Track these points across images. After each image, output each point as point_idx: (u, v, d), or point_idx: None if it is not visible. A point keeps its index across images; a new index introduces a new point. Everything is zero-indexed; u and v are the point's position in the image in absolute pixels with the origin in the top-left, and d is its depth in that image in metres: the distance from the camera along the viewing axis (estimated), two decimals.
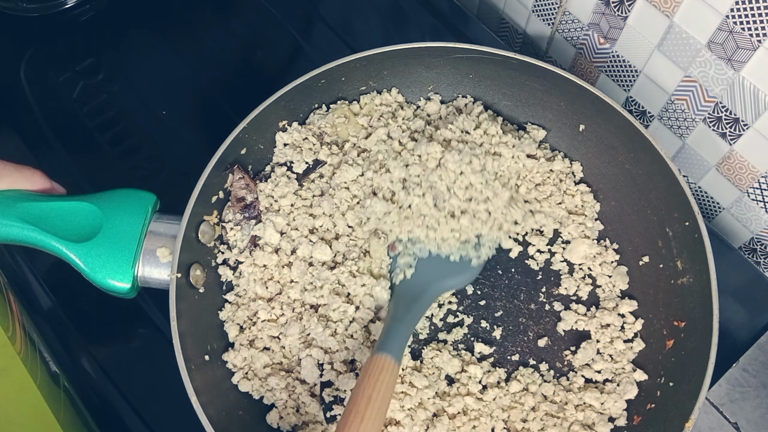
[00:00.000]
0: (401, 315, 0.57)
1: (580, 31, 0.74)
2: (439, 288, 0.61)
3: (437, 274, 0.61)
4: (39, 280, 0.67)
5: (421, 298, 0.59)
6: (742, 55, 0.59)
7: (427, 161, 0.61)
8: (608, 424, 0.57)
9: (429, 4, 0.83)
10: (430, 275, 0.61)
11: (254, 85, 0.78)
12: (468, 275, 0.62)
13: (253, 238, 0.62)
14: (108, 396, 0.62)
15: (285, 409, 0.58)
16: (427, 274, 0.61)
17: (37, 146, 0.74)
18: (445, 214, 0.60)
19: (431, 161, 0.61)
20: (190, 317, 0.55)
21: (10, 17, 0.82)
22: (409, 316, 0.58)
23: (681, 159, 0.73)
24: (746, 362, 0.63)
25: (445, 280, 0.61)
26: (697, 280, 0.56)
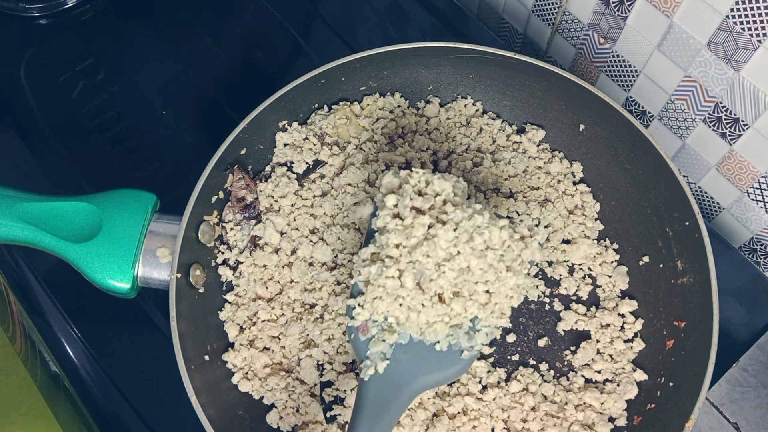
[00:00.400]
0: (370, 422, 0.47)
1: (580, 31, 0.74)
2: (418, 386, 0.49)
3: (418, 368, 0.49)
4: (39, 280, 0.66)
5: (396, 400, 0.48)
6: (742, 55, 0.59)
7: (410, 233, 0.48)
8: (608, 424, 0.57)
9: (429, 4, 0.83)
10: (409, 369, 0.48)
11: (254, 85, 0.78)
12: (456, 369, 0.49)
13: (253, 238, 0.62)
14: (108, 396, 0.62)
15: (285, 409, 0.58)
16: (405, 366, 0.48)
17: (37, 146, 0.74)
18: (430, 296, 0.48)
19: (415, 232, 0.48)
20: (190, 317, 0.55)
21: (10, 17, 0.82)
22: (383, 422, 0.47)
23: (681, 159, 0.73)
24: (746, 362, 0.63)
25: (427, 375, 0.49)
26: (697, 280, 0.56)
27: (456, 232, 0.47)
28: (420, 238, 0.47)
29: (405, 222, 0.48)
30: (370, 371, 0.48)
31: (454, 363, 0.49)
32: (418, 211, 0.49)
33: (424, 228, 0.48)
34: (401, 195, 0.49)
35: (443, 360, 0.49)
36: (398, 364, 0.49)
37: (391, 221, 0.49)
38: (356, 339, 0.50)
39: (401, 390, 0.48)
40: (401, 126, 0.68)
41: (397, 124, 0.68)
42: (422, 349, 0.49)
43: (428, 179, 0.50)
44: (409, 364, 0.49)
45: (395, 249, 0.48)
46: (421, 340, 0.49)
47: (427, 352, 0.49)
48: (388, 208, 0.49)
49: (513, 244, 0.48)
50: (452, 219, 0.48)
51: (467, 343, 0.49)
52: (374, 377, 0.48)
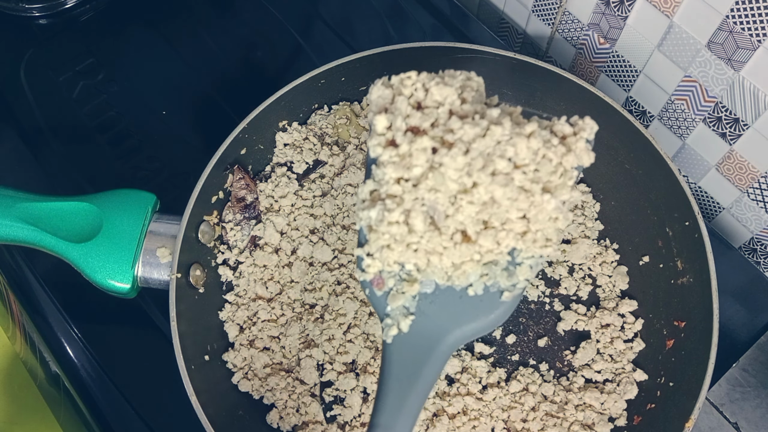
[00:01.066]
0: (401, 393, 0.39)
1: (580, 31, 0.74)
2: (452, 340, 0.40)
3: (449, 319, 0.40)
4: (39, 280, 0.66)
5: (429, 363, 0.40)
6: (742, 55, 0.59)
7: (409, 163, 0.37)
8: (608, 424, 0.57)
9: (429, 4, 0.83)
10: (438, 322, 0.40)
11: (254, 85, 0.78)
12: (497, 315, 0.40)
13: (253, 238, 0.62)
14: (108, 396, 0.62)
15: (285, 409, 0.58)
16: (433, 320, 0.40)
17: (37, 146, 0.74)
18: (450, 234, 0.38)
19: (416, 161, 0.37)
20: (190, 317, 0.55)
21: (10, 17, 0.82)
22: (415, 391, 0.39)
23: (681, 159, 0.73)
24: (746, 362, 0.63)
25: (461, 326, 0.40)
26: (697, 280, 0.56)
27: (467, 156, 0.36)
28: (423, 167, 0.37)
29: (400, 149, 0.37)
30: (392, 331, 0.40)
31: (493, 307, 0.40)
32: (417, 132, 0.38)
33: (427, 154, 0.37)
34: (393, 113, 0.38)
35: (479, 305, 0.40)
36: (425, 319, 0.40)
37: (384, 151, 0.37)
38: (372, 295, 0.41)
39: (433, 349, 0.40)
40: None
41: None
42: (452, 296, 0.40)
43: (426, 85, 0.38)
44: (438, 317, 0.40)
45: (396, 185, 0.37)
46: (450, 286, 0.40)
47: (458, 298, 0.40)
48: (379, 134, 0.38)
49: (549, 152, 0.37)
50: (460, 138, 0.36)
51: (507, 281, 0.39)
52: (398, 338, 0.40)
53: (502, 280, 0.39)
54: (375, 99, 0.39)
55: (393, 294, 0.40)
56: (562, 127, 0.38)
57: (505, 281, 0.39)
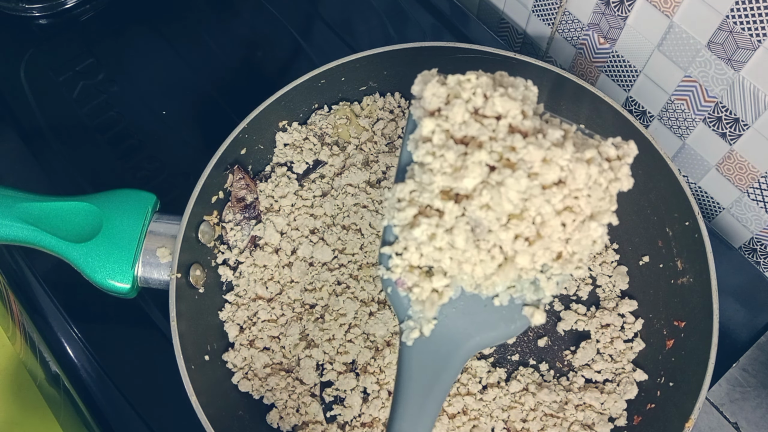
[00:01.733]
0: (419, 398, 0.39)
1: (580, 31, 0.74)
2: (474, 345, 0.40)
3: (471, 326, 0.39)
4: (39, 280, 0.66)
5: (448, 367, 0.39)
6: (742, 55, 0.59)
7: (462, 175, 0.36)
8: (608, 424, 0.57)
9: (429, 4, 0.83)
10: (460, 328, 0.39)
11: (254, 85, 0.78)
12: (516, 326, 0.40)
13: (253, 238, 0.62)
14: (108, 396, 0.62)
15: (285, 409, 0.58)
16: (455, 325, 0.39)
17: (37, 146, 0.74)
18: (488, 249, 0.37)
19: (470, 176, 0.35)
20: (190, 317, 0.55)
21: (10, 17, 0.82)
22: (433, 396, 0.39)
23: (681, 159, 0.73)
24: (746, 362, 0.63)
25: (484, 332, 0.40)
26: (697, 280, 0.56)
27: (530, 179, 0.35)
28: (476, 182, 0.35)
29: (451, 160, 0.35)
30: (413, 334, 0.39)
31: (515, 319, 0.39)
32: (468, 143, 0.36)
33: (482, 168, 0.35)
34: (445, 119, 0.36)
35: (501, 315, 0.39)
36: (448, 323, 0.39)
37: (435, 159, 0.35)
38: (394, 294, 0.39)
39: (452, 354, 0.39)
40: (401, 126, 0.68)
41: (397, 125, 0.68)
42: (476, 303, 0.39)
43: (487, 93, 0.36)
44: (460, 322, 0.39)
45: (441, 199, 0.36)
46: (476, 294, 0.39)
47: (482, 307, 0.39)
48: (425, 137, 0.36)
49: (601, 177, 0.36)
50: (523, 158, 0.35)
51: (534, 295, 0.39)
52: (419, 341, 0.39)
53: (528, 294, 0.39)
54: (429, 97, 0.36)
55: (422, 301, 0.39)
56: (608, 150, 0.37)
57: (532, 295, 0.39)
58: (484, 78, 0.36)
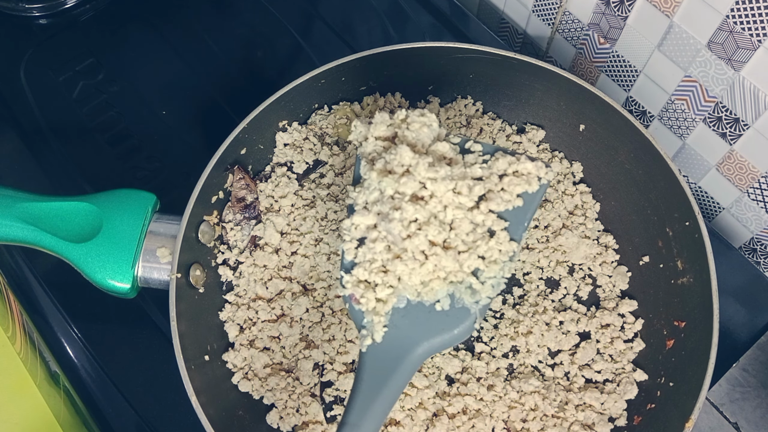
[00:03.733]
0: (369, 394, 0.43)
1: (580, 31, 0.74)
2: (423, 350, 0.44)
3: (420, 332, 0.44)
4: (39, 280, 0.66)
5: (398, 369, 0.44)
6: (742, 55, 0.59)
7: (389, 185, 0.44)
8: (608, 424, 0.57)
9: (429, 4, 0.83)
10: (410, 334, 0.44)
11: (254, 85, 0.78)
12: (462, 328, 0.45)
13: (253, 238, 0.62)
14: (108, 396, 0.62)
15: (285, 409, 0.58)
16: (405, 332, 0.44)
17: (37, 146, 0.74)
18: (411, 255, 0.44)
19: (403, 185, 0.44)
20: (190, 317, 0.55)
21: (10, 17, 0.82)
22: (383, 395, 0.43)
23: (681, 159, 0.73)
24: (746, 362, 0.63)
25: (430, 338, 0.44)
26: (697, 280, 0.56)
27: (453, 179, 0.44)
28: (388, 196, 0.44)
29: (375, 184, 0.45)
30: (366, 341, 0.44)
31: (460, 321, 0.44)
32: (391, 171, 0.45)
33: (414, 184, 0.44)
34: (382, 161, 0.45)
35: (447, 320, 0.44)
36: (397, 330, 0.44)
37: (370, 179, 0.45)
38: (351, 309, 0.46)
39: (403, 358, 0.44)
40: None
41: None
42: (422, 311, 0.44)
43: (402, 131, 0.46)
44: (409, 329, 0.44)
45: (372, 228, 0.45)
46: (420, 302, 0.44)
47: (427, 313, 0.44)
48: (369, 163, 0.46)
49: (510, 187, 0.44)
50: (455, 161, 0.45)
51: (471, 298, 0.44)
52: (372, 347, 0.44)
53: (466, 297, 0.44)
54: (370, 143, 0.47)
55: (370, 311, 0.45)
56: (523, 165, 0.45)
57: (469, 298, 0.44)
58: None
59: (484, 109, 0.69)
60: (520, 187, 0.44)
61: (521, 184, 0.44)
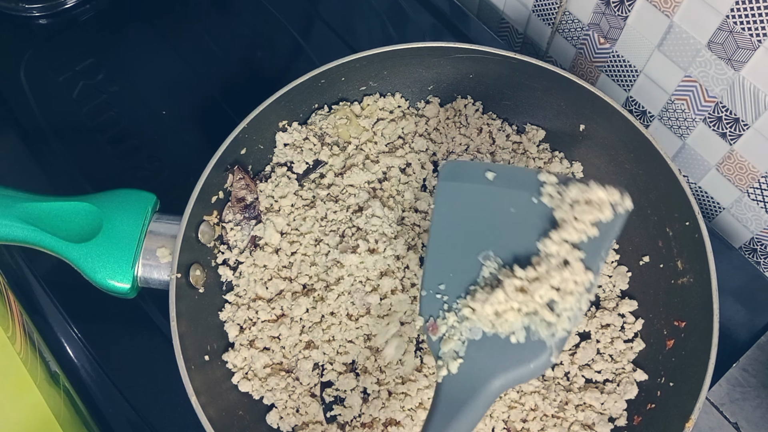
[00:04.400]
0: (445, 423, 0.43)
1: (580, 31, 0.74)
2: (498, 385, 0.44)
3: (495, 365, 0.44)
4: (39, 280, 0.66)
5: (472, 401, 0.43)
6: (742, 55, 0.59)
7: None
8: (608, 424, 0.57)
9: (429, 4, 0.83)
10: (485, 366, 0.44)
11: (254, 85, 0.78)
12: (539, 363, 0.44)
13: (253, 238, 0.62)
14: (108, 396, 0.62)
15: (285, 409, 0.58)
16: (480, 364, 0.44)
17: (37, 146, 0.74)
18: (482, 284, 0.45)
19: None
20: (190, 317, 0.55)
21: (10, 17, 0.82)
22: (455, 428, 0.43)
23: (681, 159, 0.73)
24: (746, 362, 0.63)
25: (506, 372, 0.44)
26: (698, 280, 0.56)
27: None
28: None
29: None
30: (442, 372, 0.44)
31: (535, 355, 0.43)
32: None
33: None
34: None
35: (522, 353, 0.44)
36: (473, 363, 0.44)
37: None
38: (429, 339, 0.46)
39: (477, 390, 0.43)
40: (401, 126, 0.68)
41: (397, 124, 0.68)
42: (497, 343, 0.44)
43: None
44: (484, 362, 0.44)
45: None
46: (495, 334, 0.44)
47: (503, 346, 0.44)
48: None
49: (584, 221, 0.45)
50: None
51: (546, 331, 0.43)
52: (448, 378, 0.44)
53: (541, 330, 0.43)
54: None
55: (445, 339, 0.45)
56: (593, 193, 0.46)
57: (545, 331, 0.43)
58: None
59: (484, 109, 0.69)
60: (592, 216, 0.44)
61: (593, 212, 0.44)
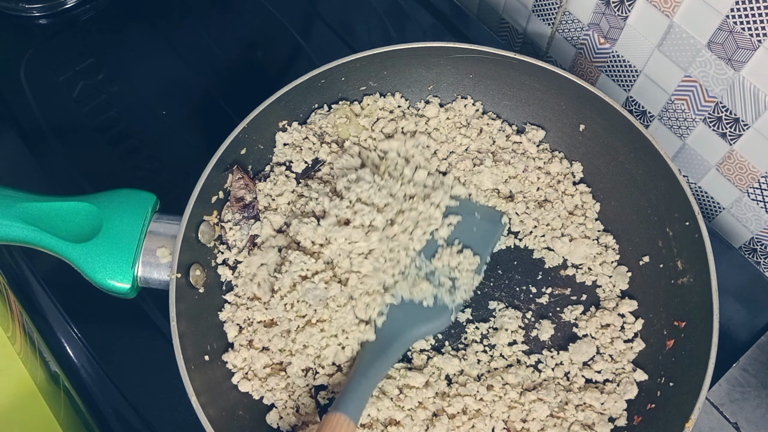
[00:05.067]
0: (364, 369, 0.55)
1: (580, 31, 0.74)
2: (410, 336, 0.58)
3: (410, 321, 0.58)
4: (39, 280, 0.66)
5: (390, 349, 0.57)
6: (742, 55, 0.59)
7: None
8: (608, 424, 0.57)
9: (429, 4, 0.83)
10: (400, 323, 0.58)
11: (254, 85, 0.78)
12: (442, 320, 0.59)
13: (252, 237, 0.62)
14: (108, 396, 0.62)
15: (285, 409, 0.58)
16: (397, 321, 0.58)
17: (37, 146, 0.74)
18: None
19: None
20: (189, 317, 0.55)
21: (10, 17, 0.82)
22: (373, 371, 0.55)
23: (681, 159, 0.73)
24: (746, 362, 0.63)
25: (417, 327, 0.58)
26: (698, 280, 0.56)
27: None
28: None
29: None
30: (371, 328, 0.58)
31: (440, 315, 0.59)
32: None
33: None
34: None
35: (431, 314, 0.59)
36: (393, 319, 0.58)
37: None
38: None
39: (394, 341, 0.57)
40: (401, 126, 0.68)
41: (397, 125, 0.68)
42: (412, 306, 0.59)
43: None
44: (402, 319, 0.58)
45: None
46: (411, 299, 0.59)
47: (416, 308, 0.59)
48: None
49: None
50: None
51: (449, 298, 0.60)
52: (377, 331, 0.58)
53: (446, 298, 0.60)
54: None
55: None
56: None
57: (448, 298, 0.60)
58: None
59: (484, 109, 0.69)
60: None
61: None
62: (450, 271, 0.60)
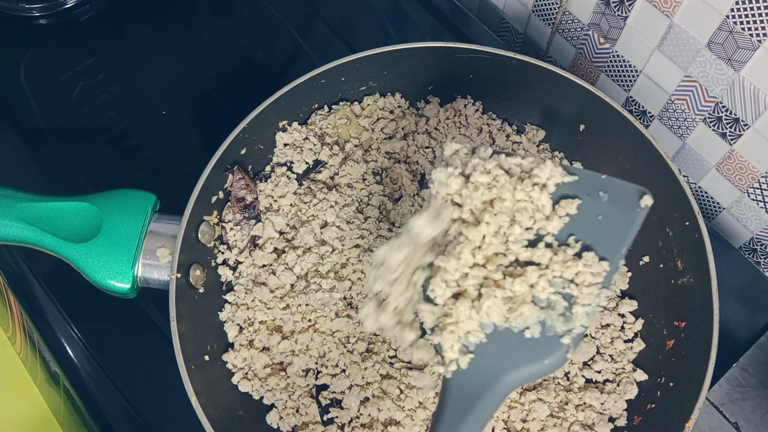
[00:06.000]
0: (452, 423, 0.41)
1: (580, 31, 0.74)
2: (510, 381, 0.41)
3: (507, 361, 0.41)
4: (39, 280, 0.66)
5: (483, 399, 0.41)
6: (742, 55, 0.59)
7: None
8: (608, 424, 0.57)
9: (429, 4, 0.83)
10: (496, 362, 0.41)
11: (254, 85, 0.78)
12: (554, 359, 0.40)
13: (252, 238, 0.62)
14: (108, 396, 0.62)
15: (285, 409, 0.58)
16: (491, 360, 0.41)
17: (37, 146, 0.74)
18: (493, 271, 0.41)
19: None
20: (190, 317, 0.55)
21: (10, 17, 0.82)
22: (466, 426, 0.41)
23: (681, 159, 0.73)
24: (746, 362, 0.63)
25: (519, 368, 0.41)
26: (697, 280, 0.56)
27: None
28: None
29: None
30: (452, 366, 0.41)
31: (551, 351, 0.40)
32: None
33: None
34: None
35: (537, 349, 0.40)
36: (484, 358, 0.41)
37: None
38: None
39: (489, 387, 0.41)
40: (401, 126, 0.68)
41: (397, 124, 0.68)
42: (510, 338, 0.41)
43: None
44: (496, 357, 0.41)
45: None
46: (508, 328, 0.41)
47: (516, 340, 0.41)
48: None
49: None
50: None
51: (563, 326, 0.40)
52: (457, 373, 0.41)
53: (558, 325, 0.40)
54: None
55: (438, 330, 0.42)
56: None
57: (562, 326, 0.40)
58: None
59: (484, 109, 0.69)
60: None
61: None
62: (564, 286, 0.40)
